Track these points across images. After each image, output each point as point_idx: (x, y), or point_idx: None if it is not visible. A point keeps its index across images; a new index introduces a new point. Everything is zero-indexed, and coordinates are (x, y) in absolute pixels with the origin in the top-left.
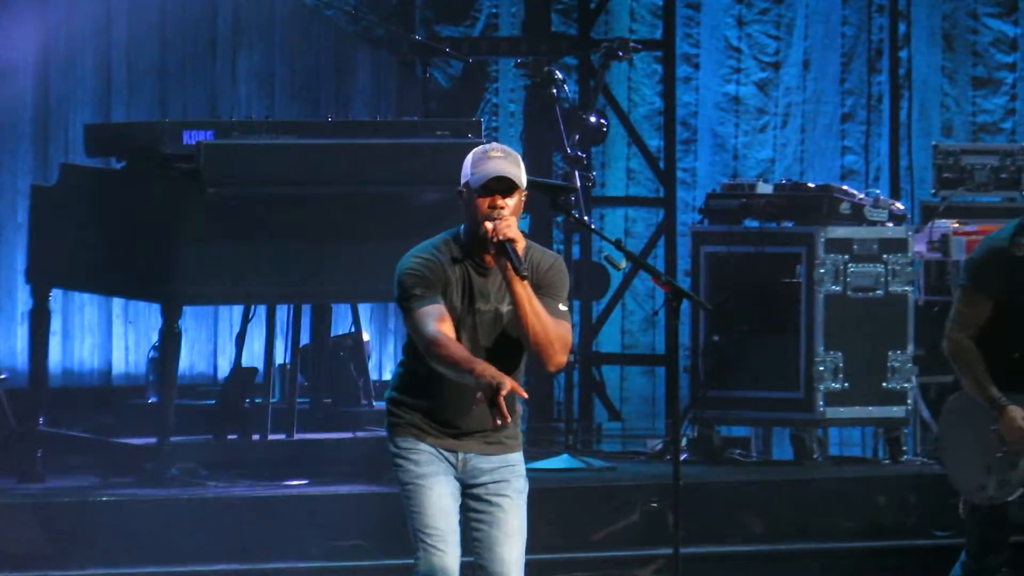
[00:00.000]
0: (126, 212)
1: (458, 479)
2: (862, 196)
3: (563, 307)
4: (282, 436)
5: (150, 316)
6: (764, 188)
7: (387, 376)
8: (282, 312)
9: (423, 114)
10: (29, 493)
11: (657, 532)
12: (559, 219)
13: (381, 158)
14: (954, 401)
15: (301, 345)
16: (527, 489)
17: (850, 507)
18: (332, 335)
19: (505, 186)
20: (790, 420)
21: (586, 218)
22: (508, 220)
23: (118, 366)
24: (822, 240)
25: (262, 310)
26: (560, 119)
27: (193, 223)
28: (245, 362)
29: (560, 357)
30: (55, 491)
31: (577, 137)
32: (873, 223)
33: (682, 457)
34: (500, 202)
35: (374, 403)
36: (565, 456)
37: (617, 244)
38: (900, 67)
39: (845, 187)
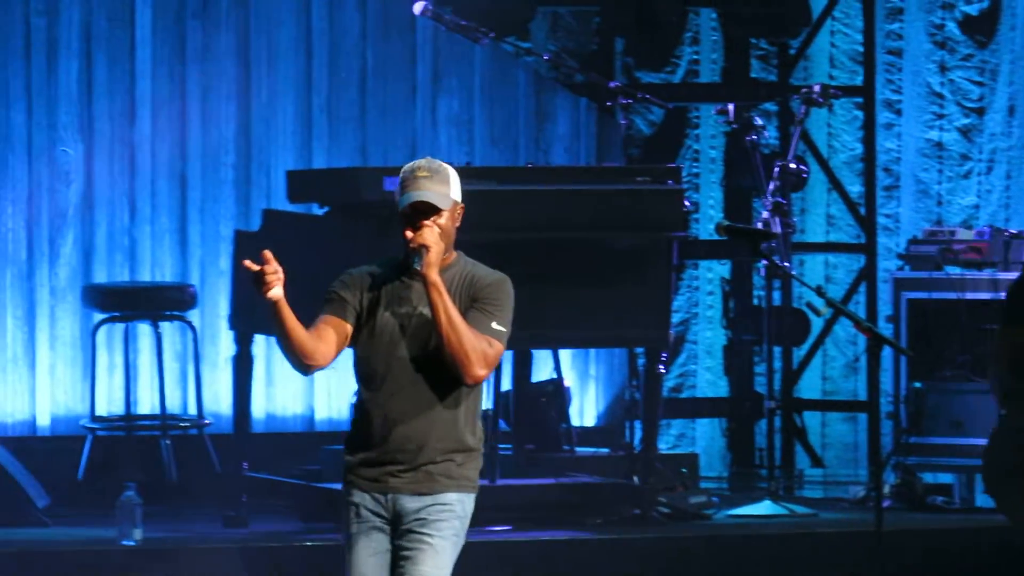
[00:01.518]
0: (329, 258)
1: (390, 524)
2: None
3: (496, 325)
4: (484, 482)
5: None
6: (966, 234)
7: (589, 423)
8: None
9: (623, 160)
10: (233, 538)
11: None
12: (760, 265)
13: (581, 204)
14: (996, 438)
15: (502, 391)
16: (458, 533)
17: None
18: (533, 381)
19: (427, 208)
20: None
21: (786, 264)
22: (427, 229)
23: (321, 411)
24: None
25: None
26: (760, 165)
27: None
28: None
29: (476, 370)
30: (259, 536)
31: (777, 183)
32: None
33: (884, 504)
34: (427, 223)
35: (576, 449)
36: (767, 502)
37: (818, 291)
38: None
39: None
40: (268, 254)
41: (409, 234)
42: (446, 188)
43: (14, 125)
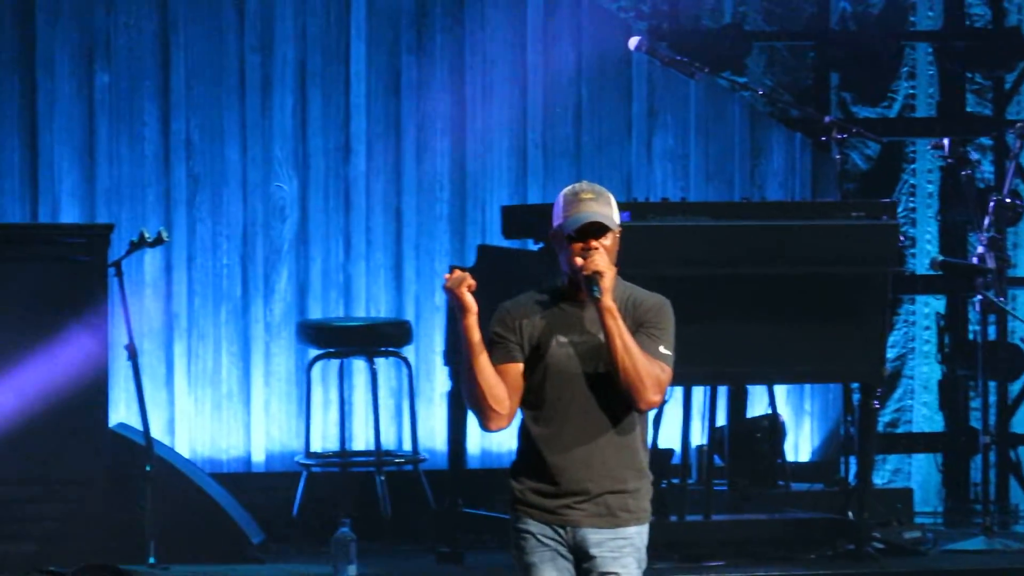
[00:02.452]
0: None
1: (571, 555)
2: None
3: (663, 349)
4: (699, 517)
5: None
6: None
7: (804, 458)
8: (698, 393)
9: (838, 195)
10: (449, 574)
11: None
12: (975, 300)
13: (796, 239)
14: None
15: (717, 426)
16: (640, 566)
17: None
18: (748, 416)
19: (597, 229)
20: None
21: (1001, 299)
22: (597, 254)
23: None
24: None
25: (678, 391)
26: (975, 200)
27: None
28: (661, 443)
29: (651, 395)
30: (474, 572)
31: (992, 218)
32: None
33: None
34: (594, 244)
35: (790, 484)
36: (981, 538)
37: None
38: None
39: None
40: (456, 272)
41: (579, 261)
42: (610, 210)
43: (229, 161)
